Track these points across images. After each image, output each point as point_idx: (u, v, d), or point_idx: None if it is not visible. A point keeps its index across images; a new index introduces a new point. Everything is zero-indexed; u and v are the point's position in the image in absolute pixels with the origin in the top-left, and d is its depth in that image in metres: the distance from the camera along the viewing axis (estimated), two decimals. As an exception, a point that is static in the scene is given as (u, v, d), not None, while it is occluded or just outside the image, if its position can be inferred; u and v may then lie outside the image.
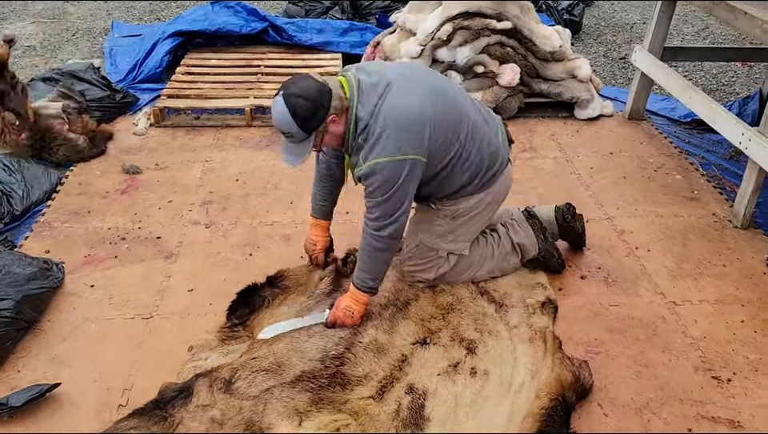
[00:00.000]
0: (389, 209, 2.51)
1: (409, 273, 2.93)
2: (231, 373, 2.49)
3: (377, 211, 2.53)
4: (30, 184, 3.66)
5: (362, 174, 2.50)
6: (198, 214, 3.61)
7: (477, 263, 2.95)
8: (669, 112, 4.88)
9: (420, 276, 2.91)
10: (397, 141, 2.43)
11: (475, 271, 2.96)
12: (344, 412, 2.35)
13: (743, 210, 3.48)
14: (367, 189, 2.53)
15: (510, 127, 4.60)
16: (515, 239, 3.05)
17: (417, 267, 2.89)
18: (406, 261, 2.91)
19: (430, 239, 2.83)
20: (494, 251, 2.99)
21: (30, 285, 2.77)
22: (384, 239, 2.56)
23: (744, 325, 2.86)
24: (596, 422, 2.40)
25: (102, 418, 2.38)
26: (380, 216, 2.53)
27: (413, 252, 2.88)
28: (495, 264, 3.01)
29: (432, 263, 2.87)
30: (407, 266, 2.91)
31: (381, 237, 2.55)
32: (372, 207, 2.54)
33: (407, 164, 2.46)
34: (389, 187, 2.47)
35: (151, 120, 4.60)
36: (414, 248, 2.87)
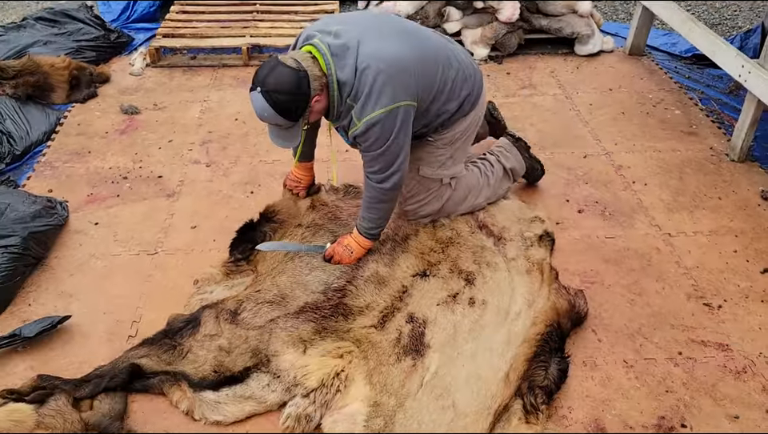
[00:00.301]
0: (389, 160, 2.51)
1: (412, 211, 2.94)
2: (236, 305, 2.57)
3: (377, 165, 2.53)
4: (30, 124, 3.66)
5: (358, 133, 2.47)
6: (198, 154, 3.63)
7: (475, 191, 3.00)
8: (670, 47, 4.83)
9: (424, 211, 2.93)
10: (389, 91, 2.40)
11: (474, 199, 3.01)
12: (347, 340, 2.43)
13: (740, 143, 3.50)
14: (364, 144, 2.51)
15: (510, 64, 4.62)
16: (507, 164, 3.12)
17: (420, 203, 2.91)
18: (408, 200, 2.92)
19: (433, 171, 2.85)
20: (489, 178, 3.05)
21: (36, 222, 2.81)
22: (388, 192, 2.58)
23: (737, 255, 2.92)
24: (590, 346, 2.49)
25: (113, 347, 2.46)
26: (381, 168, 2.53)
27: (414, 189, 2.89)
28: (492, 191, 3.07)
29: (435, 193, 2.90)
30: (409, 205, 2.93)
31: (384, 189, 2.57)
32: (371, 161, 2.54)
33: (399, 111, 2.44)
34: (385, 139, 2.45)
35: (147, 60, 4.56)
36: (417, 185, 2.88)
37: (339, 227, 2.97)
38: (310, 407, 2.21)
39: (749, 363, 2.42)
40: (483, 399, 2.24)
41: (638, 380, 2.36)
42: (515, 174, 3.17)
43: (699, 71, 4.52)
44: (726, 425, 2.20)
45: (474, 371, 2.33)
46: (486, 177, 3.04)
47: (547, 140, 3.76)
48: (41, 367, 2.37)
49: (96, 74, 4.29)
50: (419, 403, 2.23)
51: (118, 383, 2.27)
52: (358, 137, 2.50)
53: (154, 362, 2.37)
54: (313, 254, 2.80)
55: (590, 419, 2.23)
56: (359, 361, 2.36)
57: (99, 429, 2.08)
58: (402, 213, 2.97)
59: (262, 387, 2.29)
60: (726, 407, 2.26)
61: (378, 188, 2.58)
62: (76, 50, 4.37)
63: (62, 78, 4.00)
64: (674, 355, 2.45)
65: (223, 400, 2.25)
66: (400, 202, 2.94)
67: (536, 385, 2.27)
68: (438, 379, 2.31)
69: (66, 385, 2.23)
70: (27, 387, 2.20)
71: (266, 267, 2.78)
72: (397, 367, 2.35)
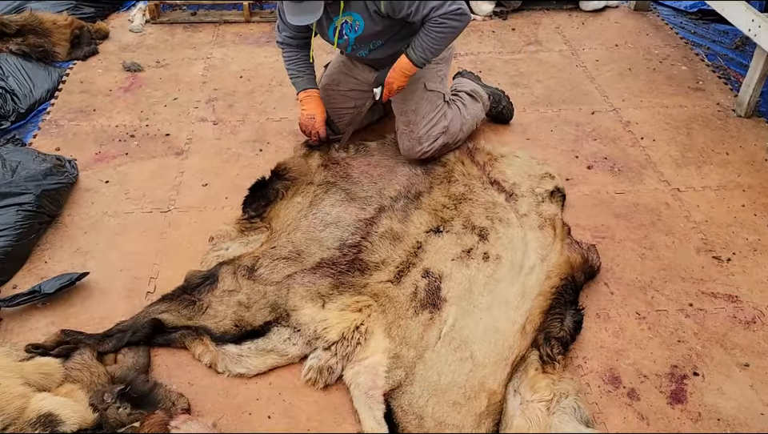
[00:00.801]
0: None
1: (425, 135, 3.00)
2: (253, 261, 2.59)
3: (433, 2, 2.60)
4: (33, 82, 3.61)
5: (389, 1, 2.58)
6: (205, 112, 3.60)
7: (461, 116, 3.16)
8: (675, 3, 4.78)
9: (436, 130, 3.01)
10: None
11: (465, 121, 3.18)
12: (365, 295, 2.46)
13: (748, 98, 3.51)
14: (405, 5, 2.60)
15: (515, 20, 4.57)
16: (466, 88, 3.32)
17: (431, 123, 3.00)
18: (419, 123, 2.99)
19: (437, 85, 3.03)
20: (463, 105, 3.22)
21: (48, 180, 2.80)
22: (461, 16, 2.68)
23: (744, 209, 2.96)
24: (603, 299, 2.54)
25: (132, 303, 2.48)
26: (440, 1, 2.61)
27: (424, 108, 3.00)
28: (473, 112, 3.25)
29: (441, 110, 3.05)
30: (422, 128, 2.99)
31: (459, 14, 2.66)
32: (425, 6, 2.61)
33: None
34: None
35: (147, 16, 4.48)
36: (425, 103, 3.00)
37: (351, 184, 2.98)
38: (331, 359, 2.25)
39: (758, 313, 2.48)
40: (501, 350, 2.28)
41: (650, 331, 2.41)
42: (477, 94, 3.32)
43: (705, 26, 4.49)
44: (737, 373, 2.26)
45: (491, 324, 2.37)
46: (460, 105, 3.20)
47: (554, 96, 3.75)
48: (62, 322, 2.39)
49: (95, 31, 4.22)
50: (438, 355, 2.28)
51: (141, 338, 2.30)
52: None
53: (175, 317, 2.39)
54: (326, 209, 2.81)
55: (605, 369, 2.28)
56: (378, 315, 2.39)
57: (125, 382, 2.11)
58: (417, 141, 3.00)
59: (283, 340, 2.32)
60: (736, 355, 2.32)
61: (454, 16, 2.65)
62: (74, 6, 4.28)
63: (64, 36, 3.94)
64: (684, 307, 2.50)
65: (245, 353, 2.29)
66: (412, 131, 3.00)
67: (552, 336, 2.32)
68: (456, 332, 2.35)
69: (89, 339, 2.25)
70: (51, 341, 2.22)
71: (281, 223, 2.80)
72: (415, 321, 2.39)
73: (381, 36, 2.83)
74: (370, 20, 2.72)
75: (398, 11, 2.66)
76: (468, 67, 3.98)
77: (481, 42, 4.30)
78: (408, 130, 3.01)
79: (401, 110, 3.04)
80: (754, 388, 2.21)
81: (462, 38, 4.33)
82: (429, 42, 2.73)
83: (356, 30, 2.76)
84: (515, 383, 2.20)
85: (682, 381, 2.24)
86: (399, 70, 2.84)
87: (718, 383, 2.23)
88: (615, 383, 2.24)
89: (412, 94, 2.99)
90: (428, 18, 2.66)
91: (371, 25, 2.74)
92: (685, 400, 2.18)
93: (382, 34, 2.82)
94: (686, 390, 2.21)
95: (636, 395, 2.20)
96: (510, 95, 3.61)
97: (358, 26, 2.75)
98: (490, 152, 3.18)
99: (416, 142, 3.00)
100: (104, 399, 2.02)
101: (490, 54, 4.16)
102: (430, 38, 2.72)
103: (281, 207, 2.89)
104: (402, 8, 2.64)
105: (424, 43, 2.74)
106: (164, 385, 2.17)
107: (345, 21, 2.74)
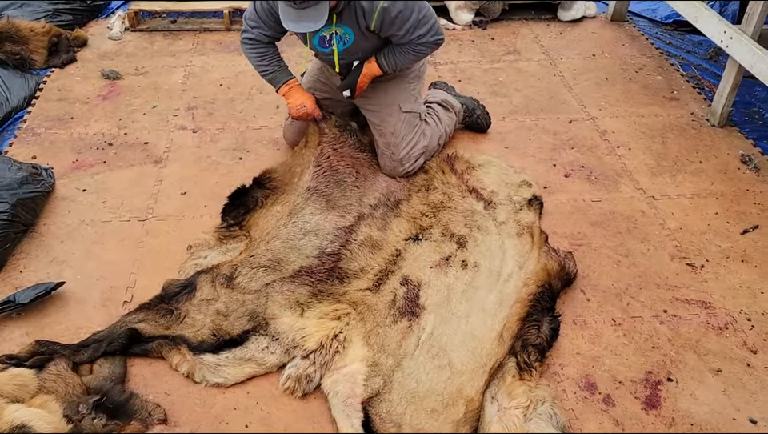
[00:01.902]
0: (428, 19, 2.73)
1: (407, 156, 3.02)
2: (232, 270, 2.58)
3: (420, 30, 2.71)
4: (9, 90, 3.58)
5: (380, 20, 2.63)
6: (184, 120, 3.59)
7: (438, 126, 3.21)
8: (650, 13, 4.87)
9: (416, 150, 3.04)
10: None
11: (440, 132, 3.22)
12: (343, 303, 2.47)
13: (721, 108, 3.57)
14: (395, 27, 2.68)
15: (494, 30, 4.62)
16: (437, 99, 3.35)
17: (411, 143, 3.02)
18: (399, 145, 3.00)
19: (412, 105, 3.05)
20: (438, 118, 3.24)
21: (24, 189, 2.78)
22: (438, 45, 2.84)
23: (718, 217, 3.01)
24: (579, 306, 2.57)
25: (108, 313, 2.46)
26: (428, 29, 2.73)
27: (403, 130, 3.01)
28: (445, 124, 3.26)
29: (420, 129, 3.07)
30: (403, 150, 3.01)
31: (437, 43, 2.82)
32: (413, 33, 2.71)
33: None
34: (411, 5, 2.64)
35: (126, 24, 4.46)
36: (403, 125, 3.01)
37: (334, 185, 2.95)
38: (309, 367, 2.25)
39: (730, 319, 2.52)
40: (478, 358, 2.30)
41: (625, 337, 2.44)
42: (448, 104, 3.35)
43: (680, 37, 4.58)
44: (710, 378, 2.30)
45: (469, 331, 2.39)
46: (435, 116, 3.23)
47: (533, 105, 3.79)
48: (37, 333, 2.37)
49: (73, 39, 4.19)
50: (416, 363, 2.29)
51: (117, 348, 2.28)
52: (384, 21, 2.65)
53: (152, 326, 2.38)
54: (306, 217, 2.81)
55: (581, 375, 2.31)
56: (356, 323, 2.40)
57: (101, 392, 2.09)
58: (398, 162, 3.02)
59: (262, 349, 2.32)
60: (709, 361, 2.36)
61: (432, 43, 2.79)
62: (52, 13, 4.25)
63: (42, 43, 3.91)
64: (659, 313, 2.54)
65: (223, 363, 2.28)
66: (393, 153, 3.00)
67: (529, 343, 2.34)
68: (434, 340, 2.36)
69: (65, 350, 2.23)
70: (26, 352, 2.20)
71: (259, 232, 2.79)
72: (393, 329, 2.39)
73: (366, 52, 2.87)
74: (360, 35, 2.76)
75: (387, 31, 2.72)
76: (447, 76, 4.02)
77: (461, 52, 4.33)
78: (389, 152, 3.03)
79: (379, 131, 3.05)
80: (726, 393, 2.25)
81: (443, 48, 4.33)
82: (402, 59, 2.84)
83: (345, 42, 2.79)
84: (493, 390, 2.22)
85: (656, 387, 2.27)
86: (368, 75, 2.91)
87: (691, 388, 2.27)
88: (591, 390, 2.26)
89: (389, 116, 3.01)
90: (412, 41, 2.76)
91: (361, 40, 2.78)
92: (659, 406, 2.21)
93: (367, 51, 2.86)
94: (660, 395, 2.24)
95: (611, 401, 2.22)
96: (489, 104, 3.65)
97: (347, 39, 2.78)
98: (468, 160, 3.20)
99: (397, 163, 3.03)
100: (79, 410, 2.00)
101: (470, 63, 4.20)
102: (404, 57, 2.82)
103: (260, 216, 2.89)
104: (391, 30, 2.70)
105: (398, 58, 2.83)
106: (140, 395, 2.15)
107: (335, 32, 2.75)
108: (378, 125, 3.04)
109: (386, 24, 2.67)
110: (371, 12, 2.63)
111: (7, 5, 4.19)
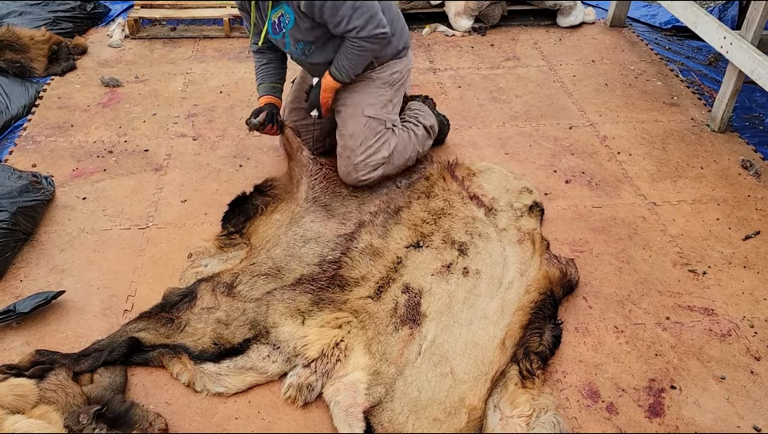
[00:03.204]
0: (366, 10, 2.60)
1: (363, 162, 2.91)
2: (232, 278, 2.57)
3: (356, 21, 2.60)
4: (9, 98, 3.58)
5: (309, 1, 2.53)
6: (184, 127, 3.59)
7: (409, 146, 3.07)
8: (650, 19, 4.88)
9: (375, 159, 2.92)
10: None
11: (410, 152, 3.08)
12: (344, 311, 2.46)
13: (721, 114, 3.57)
14: (327, 12, 2.57)
15: (493, 36, 4.62)
16: (426, 123, 3.21)
17: (370, 150, 2.90)
18: (357, 150, 2.89)
19: (378, 111, 2.92)
20: (416, 135, 3.11)
21: (24, 197, 2.77)
22: (381, 40, 2.71)
23: (719, 222, 3.00)
24: (581, 313, 2.56)
25: (109, 322, 2.45)
26: (366, 21, 2.61)
27: (362, 134, 2.89)
28: (419, 146, 3.14)
29: (383, 138, 2.94)
30: (359, 155, 2.89)
31: (380, 38, 2.69)
32: (348, 23, 2.60)
33: None
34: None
35: (126, 31, 4.47)
36: (363, 128, 2.89)
37: (332, 195, 2.97)
38: (311, 376, 2.24)
39: (733, 326, 2.51)
40: (480, 366, 2.29)
41: (628, 345, 2.43)
42: (433, 130, 3.26)
43: (679, 43, 4.58)
44: (713, 386, 2.29)
45: (471, 339, 2.38)
46: (413, 133, 3.11)
47: (533, 112, 3.79)
48: (37, 342, 2.36)
49: (72, 47, 4.19)
50: (418, 371, 2.28)
51: (117, 357, 2.27)
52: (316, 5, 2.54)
53: (153, 335, 2.37)
54: (306, 225, 2.80)
55: (584, 383, 2.30)
56: (358, 331, 2.39)
57: (101, 402, 2.08)
58: (353, 168, 2.92)
59: (263, 358, 2.31)
60: (712, 368, 2.35)
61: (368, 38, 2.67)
62: (52, 21, 4.26)
63: (42, 51, 3.91)
64: (661, 320, 2.53)
65: (224, 372, 2.27)
66: (349, 157, 2.92)
67: (531, 351, 2.33)
68: (436, 347, 2.35)
69: (65, 359, 2.22)
70: (26, 362, 2.19)
71: (260, 240, 2.79)
72: (395, 337, 2.39)
73: (309, 36, 2.76)
74: (298, 16, 2.67)
75: (319, 15, 2.62)
76: (447, 83, 4.02)
77: (460, 58, 4.34)
78: (345, 154, 2.92)
79: (340, 133, 2.96)
80: (729, 401, 2.24)
81: (442, 54, 4.37)
82: (349, 61, 2.76)
83: (287, 23, 2.72)
84: (495, 399, 2.20)
85: (659, 394, 2.26)
86: (327, 89, 2.87)
87: (694, 396, 2.26)
88: (594, 398, 2.25)
89: (350, 118, 2.91)
90: (349, 35, 2.67)
91: (300, 21, 2.69)
92: (662, 414, 2.20)
93: (309, 35, 2.75)
94: (663, 403, 2.23)
95: (614, 409, 2.21)
96: (489, 110, 3.66)
97: (288, 19, 2.71)
98: (469, 167, 3.20)
99: (352, 168, 2.92)
100: (79, 420, 1.99)
101: (470, 70, 4.20)
102: (349, 56, 2.75)
103: (260, 223, 2.89)
104: (323, 16, 2.61)
105: (345, 61, 2.77)
106: (141, 405, 2.14)
107: (280, 14, 2.71)
108: (340, 127, 2.96)
109: (317, 6, 2.57)
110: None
111: (7, 13, 4.20)
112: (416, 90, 3.93)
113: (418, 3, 4.64)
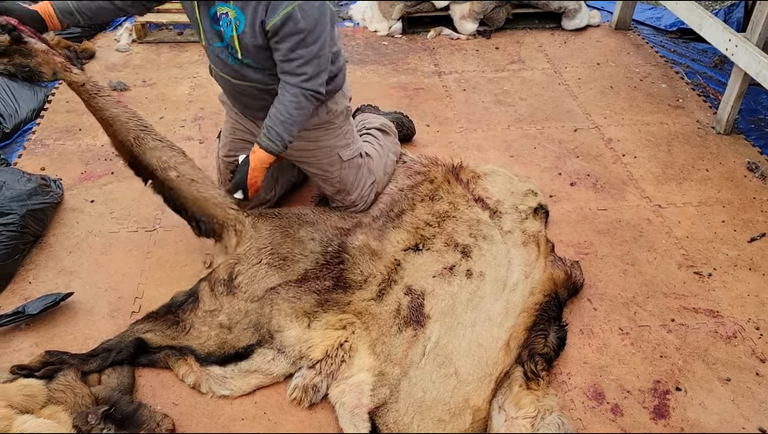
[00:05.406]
0: (322, 62, 2.36)
1: (359, 197, 2.91)
2: (229, 270, 2.54)
3: (309, 68, 2.33)
4: (18, 102, 3.61)
5: (281, 22, 2.23)
6: (191, 130, 3.61)
7: (380, 154, 3.05)
8: (655, 21, 4.88)
9: (366, 187, 2.93)
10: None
11: (384, 159, 3.07)
12: (348, 312, 2.47)
13: (726, 116, 3.57)
14: (288, 43, 2.27)
15: (498, 39, 4.63)
16: (375, 124, 3.20)
17: (361, 184, 2.90)
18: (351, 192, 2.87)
19: (351, 149, 2.83)
20: (380, 145, 3.09)
21: (33, 200, 2.79)
22: (317, 100, 2.45)
23: (724, 225, 3.00)
24: (586, 315, 2.56)
25: (116, 323, 2.48)
26: (316, 73, 2.35)
27: (349, 178, 2.84)
28: (388, 149, 3.14)
29: (364, 167, 2.90)
30: (353, 195, 2.89)
31: (317, 98, 2.43)
32: (301, 65, 2.32)
33: (326, 5, 2.31)
34: (319, 33, 2.28)
35: (133, 36, 4.50)
36: (347, 172, 2.83)
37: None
38: (316, 377, 2.25)
39: (738, 328, 2.51)
40: (485, 367, 2.29)
41: (633, 347, 2.44)
42: (387, 127, 3.24)
43: (684, 45, 4.58)
44: (719, 388, 2.29)
45: (475, 340, 2.38)
46: (377, 141, 3.10)
47: (538, 114, 3.80)
48: (46, 343, 2.38)
49: (81, 51, 4.23)
50: (423, 372, 2.29)
51: (125, 357, 2.29)
52: (280, 31, 2.25)
53: (159, 337, 2.39)
54: (305, 210, 2.83)
55: (589, 385, 2.30)
56: (362, 332, 2.40)
57: (109, 403, 2.10)
58: (351, 205, 2.92)
59: (268, 361, 2.32)
60: (718, 370, 2.35)
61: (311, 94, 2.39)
62: (60, 25, 4.28)
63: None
64: (667, 322, 2.53)
65: (229, 375, 2.28)
66: (344, 199, 2.90)
67: (536, 352, 2.33)
68: (440, 348, 2.36)
69: (74, 360, 2.24)
70: (36, 362, 2.21)
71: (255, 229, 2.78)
72: (399, 338, 2.39)
73: (252, 54, 2.41)
74: (250, 28, 2.31)
75: (278, 41, 2.30)
76: (452, 86, 4.03)
77: (465, 61, 4.35)
78: (339, 198, 2.91)
79: (324, 179, 2.87)
80: (735, 403, 2.24)
81: (447, 57, 4.39)
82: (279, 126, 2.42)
83: (236, 27, 2.33)
84: (500, 400, 2.21)
85: (664, 396, 2.26)
86: (256, 168, 2.52)
87: (700, 397, 2.26)
88: (599, 399, 2.26)
89: (330, 167, 2.80)
90: (292, 80, 2.37)
91: (251, 32, 2.32)
92: (667, 415, 2.20)
93: (253, 53, 2.40)
94: (668, 405, 2.23)
95: (619, 411, 2.22)
96: (494, 113, 3.67)
97: (238, 25, 2.33)
98: (473, 170, 3.21)
99: (350, 205, 2.93)
100: (88, 420, 2.01)
101: (474, 73, 4.21)
102: (281, 121, 2.42)
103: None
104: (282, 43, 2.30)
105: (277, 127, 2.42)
106: (148, 406, 2.16)
107: (225, 12, 2.34)
108: (321, 175, 2.84)
109: (284, 32, 2.26)
110: (277, 9, 2.23)
111: (16, 18, 4.23)
112: (421, 93, 3.95)
113: (423, 7, 4.66)
